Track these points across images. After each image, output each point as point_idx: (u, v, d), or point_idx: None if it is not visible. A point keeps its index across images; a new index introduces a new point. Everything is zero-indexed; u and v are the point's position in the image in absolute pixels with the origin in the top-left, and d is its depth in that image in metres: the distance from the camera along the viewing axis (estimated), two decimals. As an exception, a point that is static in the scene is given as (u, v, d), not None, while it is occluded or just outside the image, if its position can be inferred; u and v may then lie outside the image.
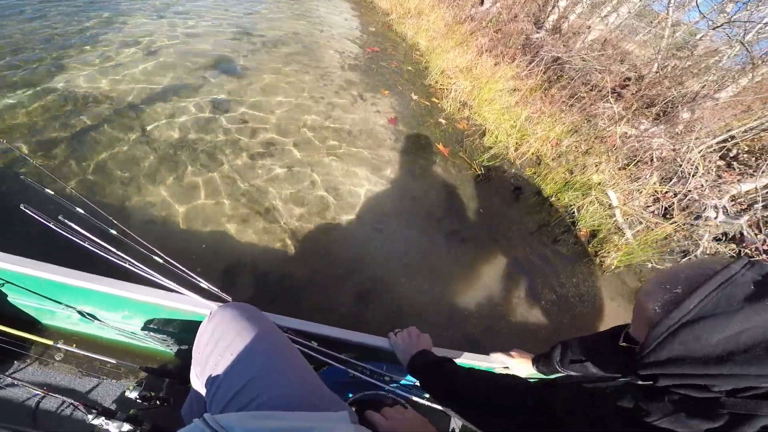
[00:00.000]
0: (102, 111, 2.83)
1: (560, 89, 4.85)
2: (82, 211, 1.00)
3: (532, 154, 3.96)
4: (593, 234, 3.27)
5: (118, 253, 0.91)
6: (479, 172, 3.45)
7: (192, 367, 0.85)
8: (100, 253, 0.90)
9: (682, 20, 6.64)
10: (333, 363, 1.05)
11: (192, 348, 0.90)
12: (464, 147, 3.73)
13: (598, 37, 6.32)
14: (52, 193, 1.00)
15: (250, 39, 4.74)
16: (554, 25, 6.42)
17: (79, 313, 1.31)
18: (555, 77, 5.17)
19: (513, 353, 1.17)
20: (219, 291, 1.06)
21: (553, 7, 6.62)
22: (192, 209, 2.30)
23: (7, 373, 1.35)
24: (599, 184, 3.74)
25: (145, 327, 1.29)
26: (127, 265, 0.94)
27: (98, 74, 3.25)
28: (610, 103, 4.76)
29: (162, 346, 1.34)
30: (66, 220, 0.86)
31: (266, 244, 2.23)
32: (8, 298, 1.34)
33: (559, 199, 3.55)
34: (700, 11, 5.39)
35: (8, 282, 1.26)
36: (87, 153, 2.45)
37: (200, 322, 0.99)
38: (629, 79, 5.38)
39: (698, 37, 6.45)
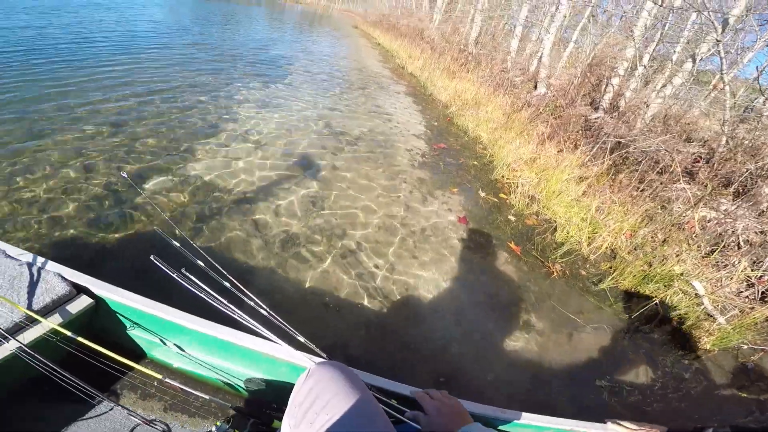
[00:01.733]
0: (221, 198, 3.60)
1: (628, 174, 4.93)
2: (202, 264, 1.30)
3: (606, 248, 4.01)
4: (680, 322, 3.26)
5: (229, 304, 1.19)
6: (552, 270, 3.60)
7: (286, 417, 0.93)
8: (213, 302, 1.18)
9: (739, 75, 6.55)
10: (411, 423, 1.16)
11: (279, 395, 1.10)
12: (536, 244, 3.91)
13: (658, 113, 6.39)
14: (178, 245, 1.35)
15: (335, 135, 5.59)
16: (611, 103, 6.62)
17: (185, 350, 1.55)
18: (620, 161, 5.27)
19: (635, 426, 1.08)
20: (314, 347, 1.24)
21: (607, 86, 6.86)
22: (291, 281, 2.83)
23: (110, 397, 1.54)
24: (682, 274, 3.69)
25: (242, 370, 1.50)
26: (235, 316, 1.20)
27: (217, 165, 4.14)
28: (683, 185, 4.74)
29: (253, 389, 1.52)
30: (187, 273, 1.16)
31: (352, 323, 2.61)
32: (126, 330, 1.62)
33: (639, 291, 3.57)
34: (757, 69, 5.34)
35: (128, 317, 1.58)
36: (208, 225, 3.16)
37: (294, 373, 1.26)
38: (700, 157, 5.34)
39: (764, 98, 6.28)
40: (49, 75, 6.13)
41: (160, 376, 1.49)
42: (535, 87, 7.26)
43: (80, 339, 1.34)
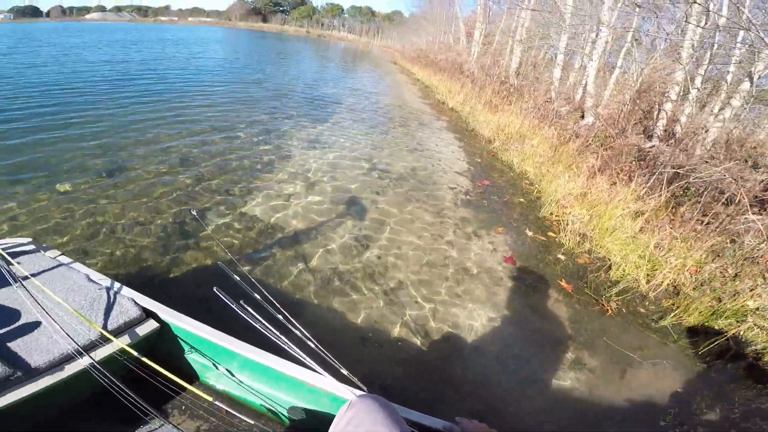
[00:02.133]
0: (274, 233, 3.95)
1: (690, 207, 4.71)
2: (258, 296, 1.45)
3: (668, 284, 3.82)
4: (757, 357, 3.06)
5: (279, 335, 1.33)
6: (607, 308, 3.50)
7: None
8: (265, 332, 1.33)
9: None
10: None
11: (320, 424, 1.17)
12: (588, 283, 3.83)
13: (719, 137, 6.08)
14: (238, 279, 1.54)
15: (379, 174, 5.87)
16: (666, 130, 6.40)
17: (235, 375, 1.67)
18: (680, 192, 5.05)
19: None
20: (356, 380, 1.32)
21: (660, 112, 6.65)
22: (335, 314, 3.02)
23: (162, 415, 1.64)
24: (757, 309, 3.45)
25: (286, 398, 1.58)
26: (284, 346, 1.32)
27: (271, 202, 4.56)
28: (754, 216, 4.46)
29: (296, 418, 1.60)
30: (244, 304, 1.34)
31: (393, 359, 2.72)
32: (184, 353, 1.79)
33: (707, 327, 3.39)
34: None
35: (187, 341, 1.74)
36: (263, 259, 3.50)
37: (335, 404, 1.35)
38: (771, 184, 4.99)
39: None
40: (131, 110, 7.44)
41: (210, 399, 1.59)
42: (582, 117, 7.19)
43: (143, 359, 1.53)
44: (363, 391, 1.33)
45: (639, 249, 4.11)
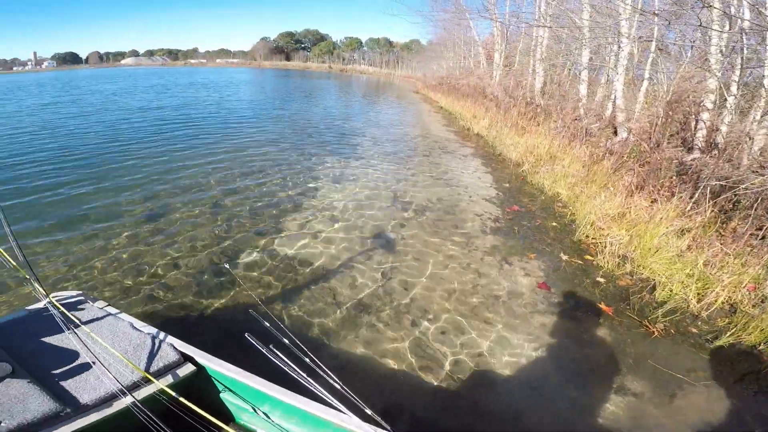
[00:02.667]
0: (302, 272, 4.10)
1: (741, 221, 4.48)
2: (287, 341, 1.56)
3: (722, 302, 3.62)
4: None
5: (307, 377, 1.43)
6: (653, 329, 3.36)
7: None
8: (294, 375, 1.44)
9: None
10: None
11: None
12: (631, 305, 3.70)
13: (766, 144, 5.79)
14: (268, 324, 1.68)
15: (403, 205, 5.98)
16: (707, 141, 6.18)
17: (268, 416, 1.75)
18: (729, 205, 4.83)
19: None
20: (380, 419, 1.37)
21: (697, 122, 6.45)
22: (366, 352, 3.04)
23: None
24: None
25: None
26: (311, 387, 1.42)
27: (299, 241, 4.75)
28: (817, 227, 4.19)
29: None
30: (274, 349, 1.46)
31: (421, 390, 2.71)
32: (220, 394, 1.90)
33: None
34: None
35: (222, 383, 1.85)
36: (292, 301, 3.61)
37: None
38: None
39: None
40: (167, 157, 8.11)
41: None
42: (615, 133, 7.07)
43: (181, 399, 1.66)
44: (386, 429, 1.40)
45: (686, 267, 3.93)
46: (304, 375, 1.45)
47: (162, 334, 1.98)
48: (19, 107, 16.33)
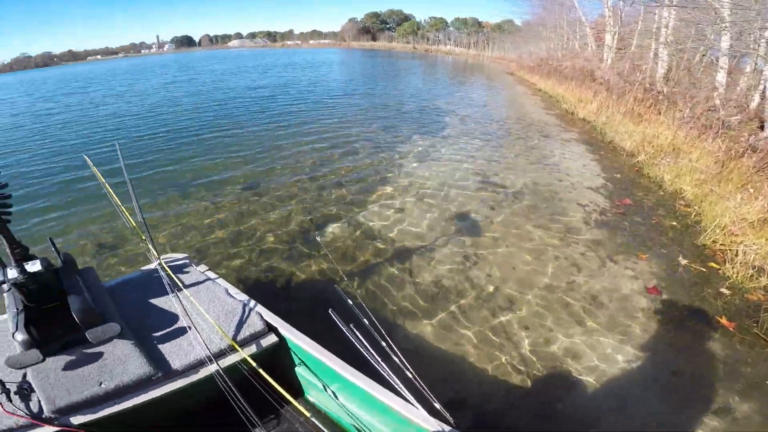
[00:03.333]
0: (386, 251, 4.14)
1: None
2: (366, 322, 1.52)
3: None
4: None
5: (381, 361, 1.38)
6: None
7: None
8: (368, 357, 1.39)
9: None
10: None
11: None
12: (760, 322, 3.22)
13: None
14: (350, 302, 1.65)
15: (494, 189, 5.75)
16: None
17: (334, 395, 1.75)
18: None
19: None
20: (448, 416, 1.30)
21: None
22: (443, 341, 2.97)
23: (264, 424, 1.77)
24: None
25: (376, 425, 1.61)
26: (384, 373, 1.37)
27: (384, 219, 4.80)
28: None
29: None
30: (353, 328, 1.43)
31: (492, 385, 2.62)
32: (295, 368, 1.93)
33: None
34: None
35: (300, 357, 1.88)
36: (372, 278, 3.68)
37: None
38: None
39: None
40: (270, 133, 8.90)
41: (308, 415, 1.72)
42: (761, 127, 6.09)
43: (259, 370, 1.71)
44: (452, 427, 1.33)
45: None
46: (378, 359, 1.41)
47: (251, 302, 2.05)
48: (146, 87, 19.59)
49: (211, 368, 1.68)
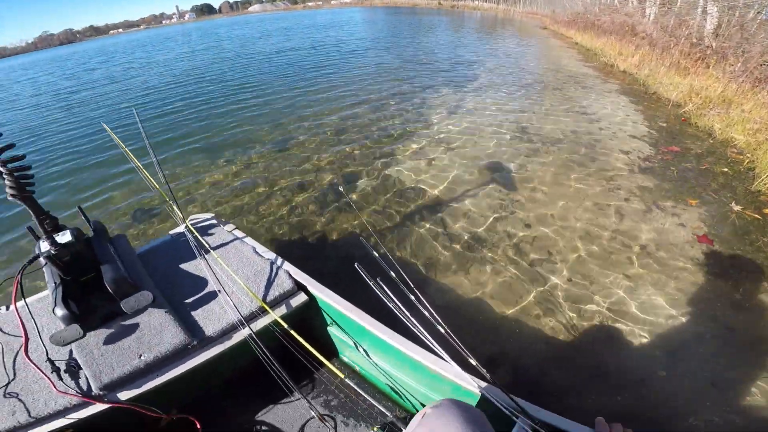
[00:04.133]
0: (416, 200, 4.16)
1: None
2: (393, 275, 1.47)
3: None
4: None
5: (411, 317, 1.32)
6: None
7: None
8: (397, 312, 1.34)
9: None
10: None
11: None
12: (823, 271, 3.13)
13: None
14: (376, 255, 1.58)
15: (529, 138, 5.65)
16: None
17: (368, 354, 1.74)
18: None
19: None
20: (485, 372, 1.24)
21: None
22: (476, 295, 2.93)
23: (300, 387, 1.80)
24: None
25: (410, 382, 1.61)
26: (414, 329, 1.32)
27: (413, 170, 4.79)
28: None
29: (416, 403, 1.66)
30: (380, 282, 1.36)
31: (531, 339, 2.57)
32: (327, 328, 1.91)
33: None
34: None
35: (331, 316, 1.85)
36: (402, 231, 3.67)
37: (456, 393, 1.34)
38: None
39: None
40: (295, 91, 8.97)
41: (342, 375, 1.72)
42: (819, 80, 5.85)
43: (291, 331, 1.67)
44: (489, 383, 1.27)
45: None
46: (408, 314, 1.33)
47: (279, 260, 1.99)
48: (168, 57, 19.88)
49: (244, 332, 1.62)
